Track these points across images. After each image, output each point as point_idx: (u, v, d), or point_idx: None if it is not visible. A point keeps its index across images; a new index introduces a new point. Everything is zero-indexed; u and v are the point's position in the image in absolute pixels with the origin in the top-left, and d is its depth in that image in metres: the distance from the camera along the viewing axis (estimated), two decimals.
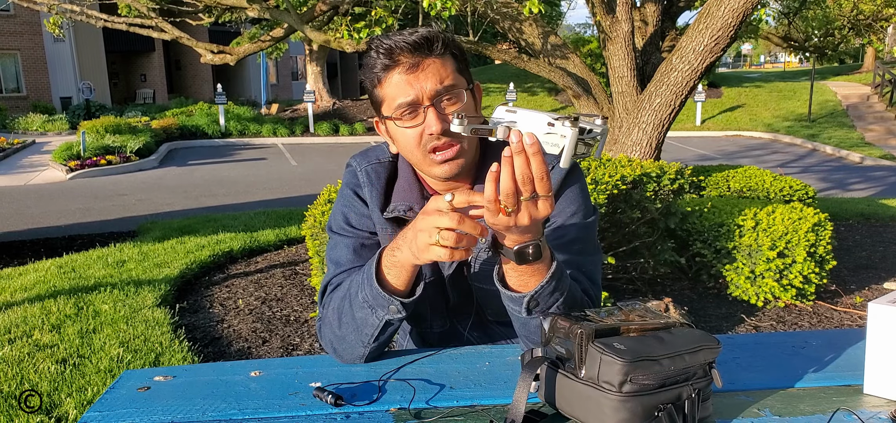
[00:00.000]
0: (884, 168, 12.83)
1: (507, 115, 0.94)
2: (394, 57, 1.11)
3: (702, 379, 0.91)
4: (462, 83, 1.15)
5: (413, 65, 1.11)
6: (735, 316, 3.79)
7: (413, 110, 1.12)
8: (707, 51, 4.37)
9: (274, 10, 5.99)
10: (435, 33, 1.13)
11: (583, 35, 30.49)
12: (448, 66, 1.13)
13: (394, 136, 1.19)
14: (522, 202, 0.91)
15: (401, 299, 1.08)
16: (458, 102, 1.13)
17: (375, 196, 1.25)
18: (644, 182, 3.96)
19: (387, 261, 1.08)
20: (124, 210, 8.32)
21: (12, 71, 22.22)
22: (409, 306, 1.10)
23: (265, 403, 1.02)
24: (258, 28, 18.31)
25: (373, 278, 1.08)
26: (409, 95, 1.11)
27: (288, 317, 3.85)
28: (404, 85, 1.11)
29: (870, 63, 26.11)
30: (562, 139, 0.89)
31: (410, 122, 1.13)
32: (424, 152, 1.14)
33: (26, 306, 3.93)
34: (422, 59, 1.11)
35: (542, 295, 1.03)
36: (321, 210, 3.69)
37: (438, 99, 1.12)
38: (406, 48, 1.10)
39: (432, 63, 1.12)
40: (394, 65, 1.11)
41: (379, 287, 1.07)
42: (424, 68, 1.11)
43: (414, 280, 1.09)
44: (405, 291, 1.09)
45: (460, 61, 1.17)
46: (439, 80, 1.11)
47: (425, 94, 1.11)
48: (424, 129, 1.12)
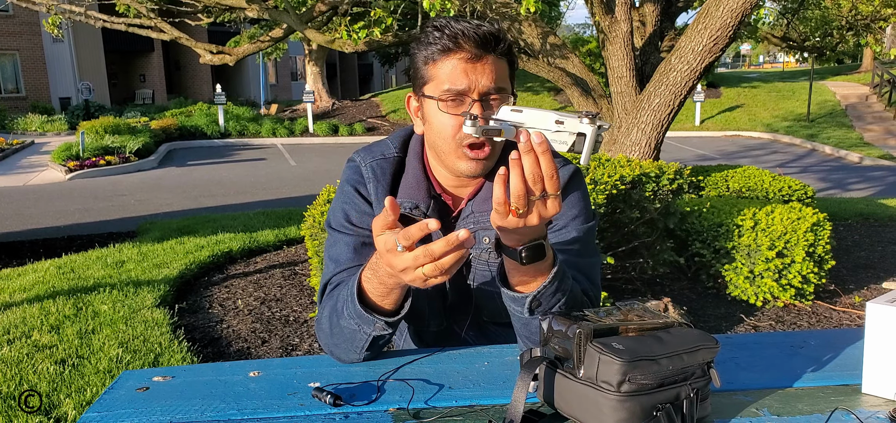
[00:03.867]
0: (883, 168, 12.84)
1: (513, 114, 0.94)
2: (458, 42, 1.11)
3: (700, 379, 0.91)
4: (509, 88, 1.16)
5: (474, 56, 1.11)
6: (734, 316, 3.79)
7: (459, 99, 1.12)
8: (706, 51, 4.37)
9: (273, 10, 5.99)
10: (502, 34, 1.14)
11: (582, 35, 30.50)
12: (503, 69, 1.14)
13: (428, 117, 1.18)
14: (531, 202, 0.90)
15: (386, 317, 1.07)
16: (503, 104, 1.13)
17: (381, 192, 1.24)
18: (643, 182, 3.96)
19: (374, 291, 1.05)
20: (123, 211, 8.31)
21: (11, 71, 22.20)
22: (394, 325, 1.09)
23: (264, 403, 1.02)
24: (257, 28, 18.32)
25: (355, 298, 1.06)
26: (462, 84, 1.11)
27: (287, 317, 3.85)
28: (460, 73, 1.11)
29: (868, 63, 26.14)
30: (570, 137, 0.88)
31: (454, 109, 1.13)
32: (458, 144, 1.14)
33: (25, 306, 3.93)
34: (483, 54, 1.11)
35: (545, 295, 1.03)
36: (320, 210, 3.69)
37: (487, 97, 1.12)
38: (473, 38, 1.10)
39: (491, 61, 1.12)
40: (456, 49, 1.11)
41: (361, 308, 1.06)
42: (484, 63, 1.11)
43: (402, 298, 1.08)
44: (392, 309, 1.08)
45: (512, 68, 1.18)
46: (494, 78, 1.12)
47: (477, 88, 1.11)
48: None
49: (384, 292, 1.05)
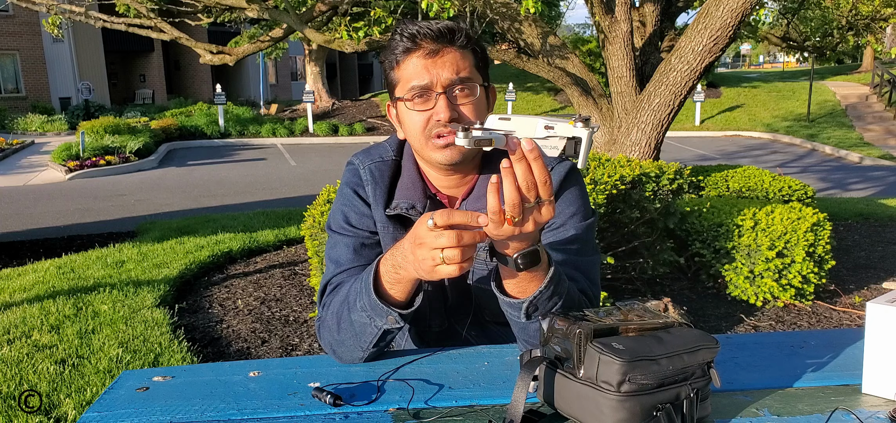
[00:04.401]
0: (883, 168, 12.84)
1: (501, 123, 0.94)
2: (416, 41, 1.13)
3: (700, 379, 0.91)
4: (478, 79, 1.17)
5: (433, 51, 1.13)
6: (734, 316, 3.79)
7: (425, 95, 1.14)
8: (706, 51, 4.37)
9: (273, 10, 5.99)
10: (459, 26, 1.15)
11: (582, 35, 30.49)
12: (467, 60, 1.16)
13: (402, 119, 1.20)
14: (526, 210, 0.90)
15: (399, 310, 1.08)
16: (471, 95, 1.15)
17: (379, 194, 1.25)
18: (643, 182, 3.96)
19: (388, 276, 1.07)
20: (123, 211, 8.31)
21: (11, 71, 22.20)
22: (407, 317, 1.09)
23: (264, 403, 1.02)
24: (257, 28, 18.30)
25: (371, 288, 1.07)
26: (424, 79, 1.13)
27: (287, 317, 3.85)
28: (421, 69, 1.13)
29: (868, 63, 26.15)
30: (560, 141, 0.88)
31: (421, 105, 1.15)
32: (428, 137, 1.15)
33: (25, 306, 3.93)
34: (442, 48, 1.14)
35: (541, 300, 1.03)
36: (320, 210, 3.69)
37: (451, 89, 1.14)
38: (429, 35, 1.13)
39: (452, 53, 1.14)
40: (415, 48, 1.14)
41: (376, 298, 1.07)
42: (443, 56, 1.14)
43: (414, 291, 1.09)
44: (404, 301, 1.09)
45: (480, 59, 1.19)
46: (455, 70, 1.13)
47: (439, 81, 1.13)
48: (433, 114, 1.14)
49: (395, 280, 1.06)
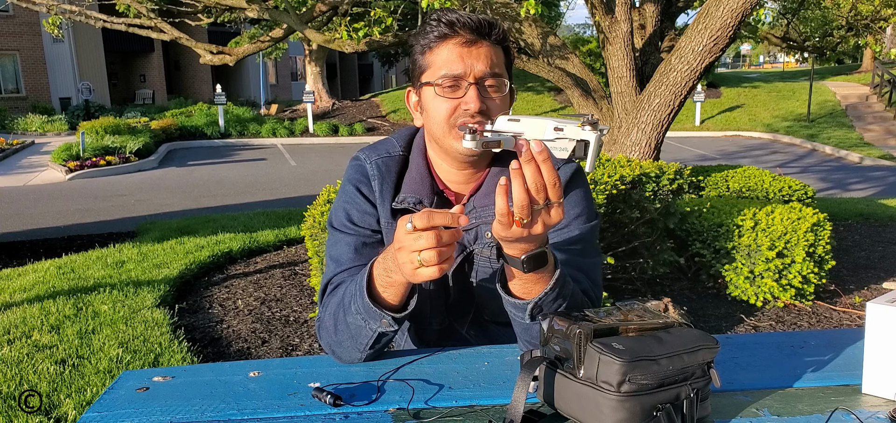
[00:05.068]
0: (883, 168, 12.84)
1: (510, 124, 0.93)
2: (454, 28, 1.13)
3: (700, 379, 0.91)
4: (506, 76, 1.17)
5: (469, 41, 1.13)
6: (734, 316, 3.79)
7: (455, 84, 1.13)
8: (706, 51, 4.37)
9: (273, 10, 5.99)
10: (496, 21, 1.16)
11: (582, 35, 30.50)
12: (499, 56, 1.16)
13: (426, 105, 1.19)
14: (535, 211, 0.90)
15: (393, 313, 1.08)
16: (499, 91, 1.15)
17: (386, 189, 1.24)
18: (643, 182, 3.96)
19: (380, 279, 1.07)
20: (123, 211, 8.31)
21: (11, 71, 22.20)
22: (401, 320, 1.10)
23: (264, 403, 1.02)
24: (257, 28, 18.31)
25: (364, 291, 1.07)
26: (458, 68, 1.13)
27: (287, 317, 3.85)
28: (456, 58, 1.13)
29: (868, 63, 26.14)
30: (570, 143, 0.87)
31: (450, 94, 1.14)
32: (452, 126, 1.15)
33: (25, 306, 3.93)
34: (479, 39, 1.13)
35: (546, 301, 1.02)
36: (320, 211, 3.69)
37: (483, 81, 1.13)
38: (468, 24, 1.13)
39: (487, 46, 1.14)
40: (451, 35, 1.13)
41: (370, 301, 1.07)
42: (479, 47, 1.13)
43: (408, 294, 1.09)
44: (398, 304, 1.09)
45: (509, 59, 1.20)
46: (489, 64, 1.13)
47: (473, 71, 1.12)
48: (461, 104, 1.13)
49: (387, 283, 1.06)
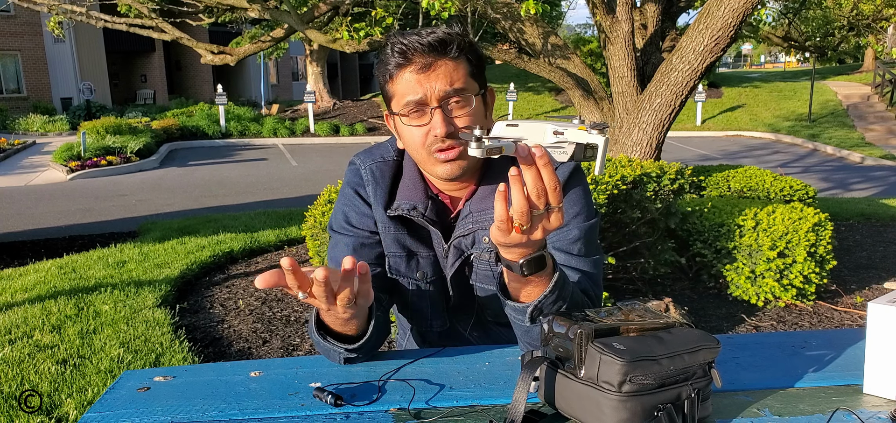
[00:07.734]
0: (884, 168, 12.82)
1: (509, 130, 0.93)
2: (407, 56, 1.12)
3: (701, 379, 0.91)
4: (473, 88, 1.15)
5: (425, 65, 1.12)
6: (735, 316, 3.79)
7: (420, 109, 1.13)
8: (707, 51, 4.36)
9: (274, 10, 5.99)
10: (451, 36, 1.13)
11: (583, 35, 30.49)
12: (460, 70, 1.14)
13: (400, 132, 1.20)
14: (535, 217, 0.89)
15: (345, 345, 1.09)
16: (466, 105, 1.14)
17: (380, 194, 1.25)
18: (644, 182, 3.96)
19: (326, 316, 1.08)
20: (125, 211, 8.32)
21: (13, 71, 22.21)
22: (358, 350, 1.10)
23: (265, 403, 1.02)
24: (258, 28, 18.30)
25: (313, 329, 1.10)
26: (418, 93, 1.12)
27: (288, 317, 3.85)
28: (414, 84, 1.12)
29: (870, 63, 26.10)
30: (570, 146, 0.86)
31: (417, 120, 1.14)
32: (429, 152, 1.15)
33: (27, 306, 3.93)
34: (434, 60, 1.12)
35: (546, 304, 1.02)
36: (321, 211, 3.69)
37: (446, 101, 1.12)
38: (420, 48, 1.11)
39: (444, 65, 1.12)
40: (407, 63, 1.12)
41: (320, 338, 1.10)
42: (436, 69, 1.12)
43: (364, 323, 1.10)
44: (356, 334, 1.10)
45: (475, 66, 1.17)
46: (449, 82, 1.12)
47: (433, 94, 1.11)
48: (430, 129, 1.13)
49: (332, 320, 1.08)
